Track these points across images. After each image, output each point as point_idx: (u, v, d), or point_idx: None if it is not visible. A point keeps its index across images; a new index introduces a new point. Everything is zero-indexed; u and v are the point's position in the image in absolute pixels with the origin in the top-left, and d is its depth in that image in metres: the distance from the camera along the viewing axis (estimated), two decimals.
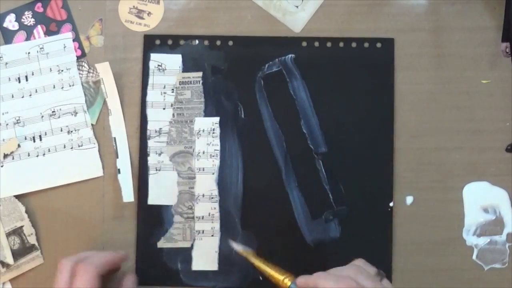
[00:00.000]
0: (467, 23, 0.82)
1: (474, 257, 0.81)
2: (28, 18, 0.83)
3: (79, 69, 0.82)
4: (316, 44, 0.82)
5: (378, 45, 0.82)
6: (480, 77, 0.82)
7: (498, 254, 0.81)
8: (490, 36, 0.82)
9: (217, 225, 0.80)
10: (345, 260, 0.71)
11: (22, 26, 0.83)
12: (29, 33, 0.83)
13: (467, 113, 0.82)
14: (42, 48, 0.82)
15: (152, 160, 0.81)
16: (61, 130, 0.82)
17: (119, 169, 0.81)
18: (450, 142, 0.81)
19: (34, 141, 0.81)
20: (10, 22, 0.83)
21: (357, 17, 0.83)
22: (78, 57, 0.82)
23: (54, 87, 0.82)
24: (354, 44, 0.82)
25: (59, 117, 0.82)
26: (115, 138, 0.82)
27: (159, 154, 0.81)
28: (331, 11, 0.83)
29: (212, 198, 0.80)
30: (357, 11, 0.83)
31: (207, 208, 0.80)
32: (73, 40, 0.83)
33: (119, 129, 0.82)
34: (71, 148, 0.82)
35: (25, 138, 0.81)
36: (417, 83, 0.82)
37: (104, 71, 0.81)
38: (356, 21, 0.83)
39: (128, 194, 0.81)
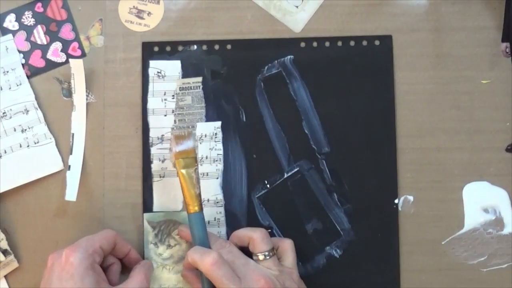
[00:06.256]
0: (467, 23, 0.82)
1: None
2: (28, 18, 0.83)
3: None
4: (315, 44, 0.82)
5: (377, 42, 0.82)
6: (480, 77, 0.82)
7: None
8: (490, 36, 0.82)
9: (223, 230, 0.80)
10: (352, 259, 0.75)
11: (22, 26, 0.83)
12: (29, 33, 0.82)
13: (467, 113, 0.82)
14: None
15: (155, 167, 0.81)
16: (15, 130, 0.81)
17: (69, 166, 0.81)
18: (450, 142, 0.82)
19: None
20: (10, 22, 0.83)
21: (357, 17, 0.83)
22: (78, 57, 0.82)
23: (1, 88, 0.81)
24: (352, 43, 0.82)
25: (10, 117, 0.81)
26: (73, 134, 0.81)
27: (162, 161, 0.81)
28: (331, 11, 0.83)
29: (217, 202, 0.80)
30: (357, 11, 0.83)
31: (213, 213, 0.80)
32: (73, 40, 0.82)
33: (79, 126, 0.81)
34: (28, 146, 0.81)
35: None
36: (417, 83, 0.82)
37: (77, 67, 0.80)
38: (356, 21, 0.83)
39: (72, 194, 0.80)
